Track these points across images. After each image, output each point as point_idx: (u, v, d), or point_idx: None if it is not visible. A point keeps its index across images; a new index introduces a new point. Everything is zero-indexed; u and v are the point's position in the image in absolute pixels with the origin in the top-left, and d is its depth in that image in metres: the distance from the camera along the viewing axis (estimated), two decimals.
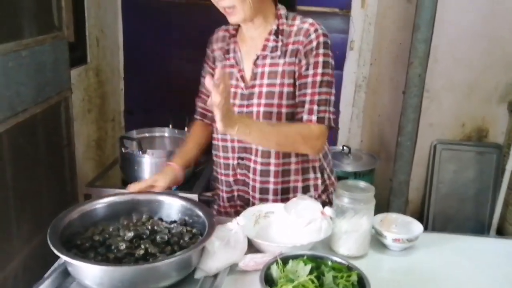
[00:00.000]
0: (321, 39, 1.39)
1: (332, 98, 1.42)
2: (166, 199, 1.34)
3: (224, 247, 1.18)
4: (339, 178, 1.64)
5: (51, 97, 1.87)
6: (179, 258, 1.08)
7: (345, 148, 2.86)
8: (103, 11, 2.76)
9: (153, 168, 1.97)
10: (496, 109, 3.04)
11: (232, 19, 1.39)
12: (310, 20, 1.43)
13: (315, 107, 1.38)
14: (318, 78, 1.38)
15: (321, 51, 1.38)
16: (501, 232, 2.94)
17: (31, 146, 1.84)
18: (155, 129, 2.24)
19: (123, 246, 1.14)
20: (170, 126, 2.23)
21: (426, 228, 3.15)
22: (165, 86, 3.13)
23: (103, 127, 2.84)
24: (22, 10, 1.73)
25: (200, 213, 1.26)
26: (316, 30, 1.39)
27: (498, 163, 3.06)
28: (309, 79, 1.39)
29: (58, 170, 2.06)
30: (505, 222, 2.94)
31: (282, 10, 1.46)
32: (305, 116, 1.39)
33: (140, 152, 1.93)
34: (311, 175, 1.54)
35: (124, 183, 2.08)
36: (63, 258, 1.05)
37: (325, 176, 1.58)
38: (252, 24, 1.45)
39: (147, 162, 1.95)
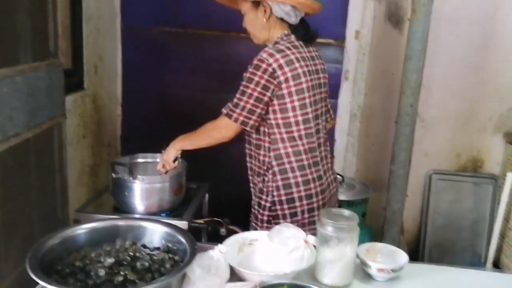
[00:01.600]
0: (255, 61, 1.67)
1: (243, 104, 1.67)
2: (149, 225, 1.33)
3: (205, 275, 1.17)
4: None
5: (43, 122, 1.89)
6: (158, 286, 1.08)
7: (338, 176, 2.85)
8: (102, 39, 2.80)
9: (143, 194, 1.96)
10: (491, 140, 3.04)
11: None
12: (267, 48, 1.70)
13: (229, 105, 1.72)
14: (240, 87, 1.69)
15: (249, 69, 1.68)
16: (497, 265, 2.90)
17: (23, 171, 1.84)
18: (147, 155, 2.23)
19: (102, 272, 1.13)
20: (163, 151, 2.23)
21: (422, 259, 3.15)
22: (163, 114, 3.16)
23: (98, 153, 2.85)
24: (18, 37, 1.76)
25: (183, 240, 1.26)
26: (258, 55, 1.68)
27: (494, 194, 3.04)
28: None
29: (49, 195, 2.05)
30: (501, 254, 2.91)
31: (276, 38, 1.75)
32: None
33: (131, 177, 1.93)
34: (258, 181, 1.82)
35: (115, 209, 2.07)
36: (40, 283, 1.04)
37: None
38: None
39: (138, 188, 1.94)
